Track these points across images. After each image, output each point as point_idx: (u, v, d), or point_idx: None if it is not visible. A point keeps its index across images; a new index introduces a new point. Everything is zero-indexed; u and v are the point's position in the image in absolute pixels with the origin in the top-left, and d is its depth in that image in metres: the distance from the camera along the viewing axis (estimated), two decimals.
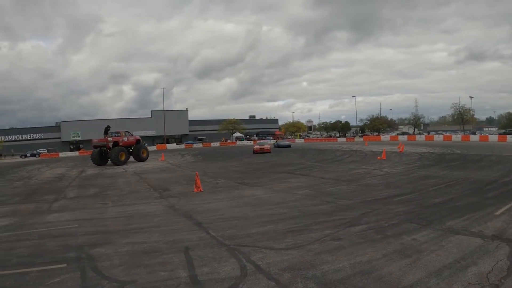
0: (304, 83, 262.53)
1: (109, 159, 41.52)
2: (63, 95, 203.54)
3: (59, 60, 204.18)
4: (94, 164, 42.09)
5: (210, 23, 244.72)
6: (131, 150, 43.16)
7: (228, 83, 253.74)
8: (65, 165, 47.76)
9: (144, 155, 44.33)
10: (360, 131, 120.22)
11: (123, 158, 40.34)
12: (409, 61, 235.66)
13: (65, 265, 7.47)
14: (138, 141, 45.06)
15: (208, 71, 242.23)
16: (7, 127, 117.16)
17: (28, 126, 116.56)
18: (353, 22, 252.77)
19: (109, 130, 42.92)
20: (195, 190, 16.99)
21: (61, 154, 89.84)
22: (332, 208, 11.48)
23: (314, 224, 9.52)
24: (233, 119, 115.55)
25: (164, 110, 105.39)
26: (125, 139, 43.00)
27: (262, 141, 58.39)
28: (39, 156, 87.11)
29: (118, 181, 24.53)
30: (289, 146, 58.76)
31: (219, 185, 19.11)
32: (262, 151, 46.17)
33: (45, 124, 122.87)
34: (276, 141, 56.02)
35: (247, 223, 10.12)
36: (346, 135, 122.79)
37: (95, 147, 42.64)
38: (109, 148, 41.03)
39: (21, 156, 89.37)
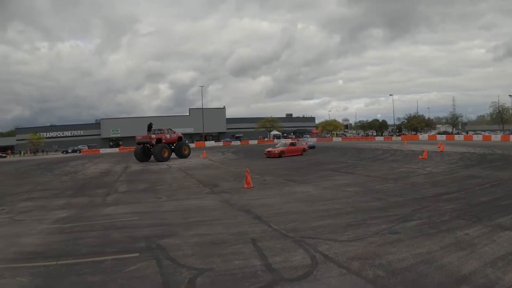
0: (340, 81, 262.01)
1: (152, 156, 42.35)
2: (101, 94, 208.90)
3: (97, 59, 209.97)
4: (137, 160, 43.03)
5: (246, 22, 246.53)
6: (173, 147, 43.84)
7: (263, 81, 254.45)
8: (108, 161, 49.02)
9: (186, 152, 45.04)
10: (397, 130, 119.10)
11: (166, 155, 41.09)
12: (446, 59, 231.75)
13: (137, 254, 7.89)
14: (180, 138, 45.71)
15: (244, 69, 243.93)
16: (48, 124, 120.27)
17: (68, 124, 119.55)
18: (389, 19, 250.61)
19: (152, 127, 43.85)
20: (246, 186, 17.37)
21: (102, 151, 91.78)
22: (383, 205, 11.78)
23: (369, 219, 9.85)
24: (271, 117, 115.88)
25: (202, 108, 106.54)
26: (168, 136, 43.74)
27: (290, 141, 54.73)
28: (80, 152, 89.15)
29: (165, 177, 25.05)
30: (313, 147, 51.77)
31: (267, 181, 19.39)
32: (269, 155, 38.82)
33: (84, 121, 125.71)
34: (297, 141, 51.61)
35: (306, 218, 10.43)
36: (383, 134, 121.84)
37: (139, 143, 43.65)
38: (152, 145, 41.85)
39: (62, 152, 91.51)
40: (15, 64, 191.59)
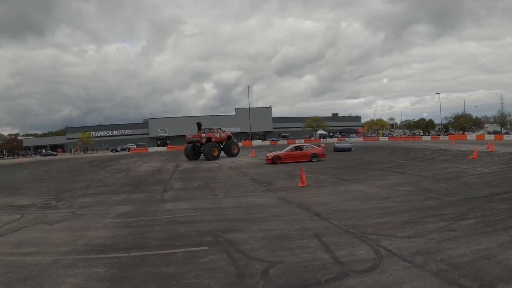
0: (385, 80, 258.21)
1: (201, 154, 43.09)
2: (147, 94, 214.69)
3: (143, 61, 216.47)
4: (187, 159, 44.04)
5: (289, 21, 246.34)
6: (222, 146, 44.36)
7: (308, 80, 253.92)
8: (158, 159, 50.28)
9: (235, 150, 45.58)
10: (444, 130, 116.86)
11: (215, 154, 41.75)
12: (494, 55, 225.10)
13: (207, 247, 8.31)
14: (229, 137, 46.27)
15: (288, 69, 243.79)
16: (96, 124, 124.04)
17: (116, 123, 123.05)
18: (434, 15, 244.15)
19: (201, 126, 44.64)
20: (300, 184, 17.71)
21: (150, 149, 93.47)
22: (438, 204, 11.99)
23: (426, 217, 10.14)
24: (317, 116, 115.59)
25: (249, 108, 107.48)
26: (217, 135, 44.33)
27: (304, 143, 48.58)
28: (129, 151, 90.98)
29: (218, 175, 25.71)
30: (349, 149, 47.67)
31: (320, 180, 19.61)
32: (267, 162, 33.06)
33: (132, 121, 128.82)
34: (342, 140, 46.55)
35: (364, 215, 10.81)
36: (430, 133, 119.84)
37: (189, 142, 44.49)
38: (202, 144, 42.52)
39: (111, 151, 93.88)
40: (64, 66, 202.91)
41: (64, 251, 8.70)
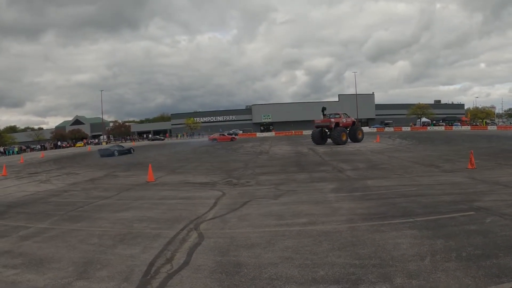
0: (482, 65, 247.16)
1: (328, 139, 45.20)
2: (239, 81, 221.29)
3: (235, 49, 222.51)
4: (313, 143, 46.08)
5: (381, 4, 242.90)
6: (347, 131, 45.58)
7: (401, 66, 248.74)
8: (280, 143, 53.51)
9: (360, 136, 46.86)
10: None
11: (344, 138, 43.20)
12: None
13: (473, 212, 9.27)
14: (353, 123, 47.88)
15: (381, 54, 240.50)
16: (191, 111, 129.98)
17: (219, 109, 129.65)
18: None
19: (325, 111, 46.85)
20: (469, 166, 18.14)
21: (258, 134, 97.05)
22: None
23: None
24: (421, 103, 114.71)
25: (356, 94, 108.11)
26: (344, 120, 46.05)
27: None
28: (236, 136, 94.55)
29: (370, 158, 26.65)
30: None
31: (481, 164, 19.20)
32: None
33: (236, 107, 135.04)
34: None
35: None
36: None
37: (317, 127, 46.37)
38: (331, 129, 44.44)
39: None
40: (158, 57, 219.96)
41: (342, 220, 9.51)
